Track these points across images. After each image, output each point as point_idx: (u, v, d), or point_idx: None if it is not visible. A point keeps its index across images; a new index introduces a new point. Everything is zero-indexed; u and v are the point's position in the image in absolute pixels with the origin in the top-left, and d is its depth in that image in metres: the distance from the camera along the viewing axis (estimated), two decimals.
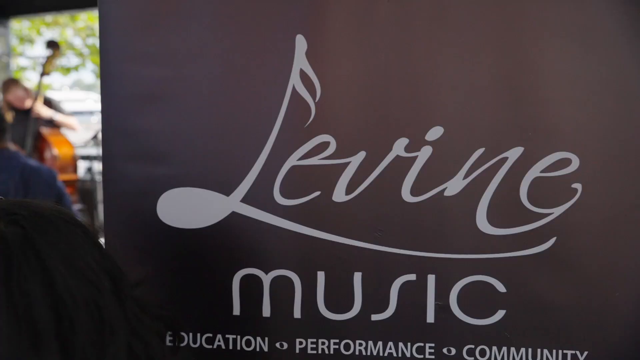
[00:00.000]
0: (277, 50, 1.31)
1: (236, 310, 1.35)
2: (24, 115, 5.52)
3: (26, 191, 3.69)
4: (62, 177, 5.45)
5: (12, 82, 6.00)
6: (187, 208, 1.36)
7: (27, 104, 5.65)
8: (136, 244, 1.40)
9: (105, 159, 1.41)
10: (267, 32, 1.31)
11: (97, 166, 6.00)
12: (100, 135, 5.66)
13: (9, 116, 5.29)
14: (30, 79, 8.96)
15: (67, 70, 10.00)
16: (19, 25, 9.31)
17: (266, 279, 1.34)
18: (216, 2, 1.34)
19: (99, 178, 5.87)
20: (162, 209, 1.37)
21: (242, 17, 1.32)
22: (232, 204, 1.34)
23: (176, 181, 1.36)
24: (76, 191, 5.70)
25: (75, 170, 5.76)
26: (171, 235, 1.36)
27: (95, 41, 9.49)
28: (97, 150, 5.97)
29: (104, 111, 1.39)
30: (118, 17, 1.39)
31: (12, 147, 3.68)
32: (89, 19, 9.27)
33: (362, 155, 1.30)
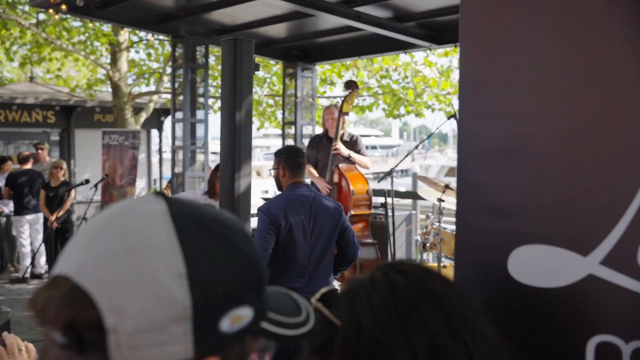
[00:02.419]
0: None
1: None
2: (329, 144, 5.91)
3: (315, 221, 4.01)
4: (356, 212, 5.76)
5: (334, 108, 6.39)
6: (539, 266, 1.33)
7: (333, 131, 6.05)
8: (484, 297, 1.41)
9: (459, 211, 1.45)
10: (631, 85, 1.25)
11: (389, 201, 6.20)
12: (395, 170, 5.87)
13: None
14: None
15: (362, 109, 10.61)
16: (321, 68, 10.13)
17: (626, 348, 1.26)
18: (575, 62, 1.31)
19: (390, 213, 6.08)
20: (513, 265, 1.36)
21: (602, 74, 1.28)
22: (589, 265, 1.29)
23: (528, 238, 1.35)
24: (368, 225, 5.96)
25: (369, 205, 6.01)
26: (521, 292, 1.35)
27: (389, 82, 9.96)
28: (388, 185, 6.17)
29: (459, 166, 1.44)
30: (475, 76, 1.44)
31: (307, 181, 3.95)
32: (384, 61, 9.76)
33: None
